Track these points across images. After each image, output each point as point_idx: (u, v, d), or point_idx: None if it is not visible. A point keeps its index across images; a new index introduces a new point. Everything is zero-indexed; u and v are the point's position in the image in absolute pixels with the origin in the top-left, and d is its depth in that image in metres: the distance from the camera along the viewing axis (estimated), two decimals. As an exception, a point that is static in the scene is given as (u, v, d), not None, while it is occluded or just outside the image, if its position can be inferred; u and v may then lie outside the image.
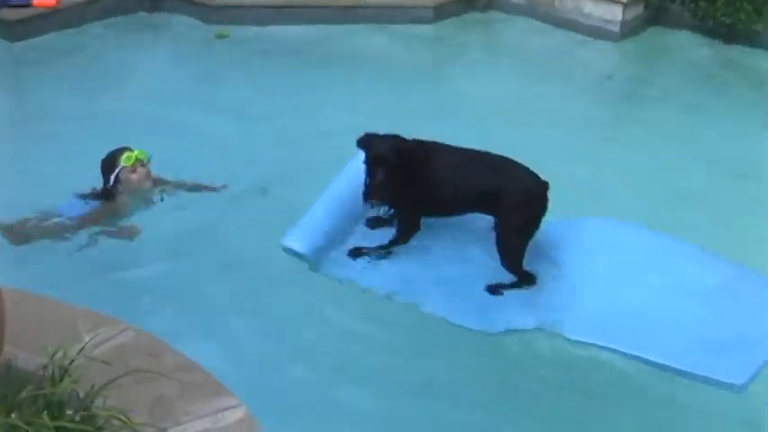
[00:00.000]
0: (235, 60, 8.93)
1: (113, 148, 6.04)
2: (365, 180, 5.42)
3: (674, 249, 5.55)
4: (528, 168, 5.42)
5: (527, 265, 5.44)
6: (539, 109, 7.97)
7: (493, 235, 5.39)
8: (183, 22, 9.63)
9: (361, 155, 5.46)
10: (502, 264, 5.38)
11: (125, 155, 5.94)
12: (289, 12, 9.62)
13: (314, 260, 5.60)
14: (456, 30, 9.83)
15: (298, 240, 5.61)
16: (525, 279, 5.42)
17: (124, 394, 3.32)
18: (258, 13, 9.59)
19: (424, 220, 5.65)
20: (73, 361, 2.84)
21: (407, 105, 7.91)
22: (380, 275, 5.53)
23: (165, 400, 3.45)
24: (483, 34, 9.88)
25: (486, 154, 5.50)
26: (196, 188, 6.23)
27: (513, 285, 5.41)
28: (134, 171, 5.97)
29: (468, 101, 8.10)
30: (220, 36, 9.33)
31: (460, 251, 5.64)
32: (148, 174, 6.05)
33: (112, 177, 5.95)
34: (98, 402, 3.17)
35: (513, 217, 5.33)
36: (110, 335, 3.81)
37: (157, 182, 6.19)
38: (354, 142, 5.49)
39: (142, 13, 9.79)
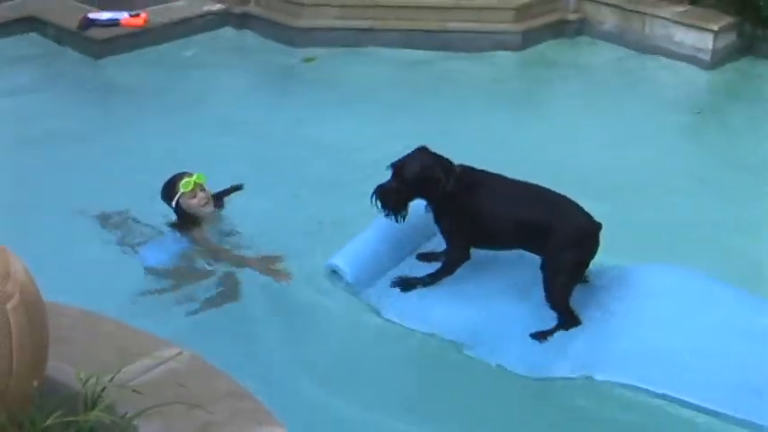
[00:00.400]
0: (316, 84, 8.92)
1: (182, 170, 5.99)
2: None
3: (725, 293, 5.33)
4: (581, 207, 5.26)
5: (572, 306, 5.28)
6: (621, 140, 7.79)
7: (539, 274, 5.22)
8: (267, 44, 9.71)
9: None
10: (547, 303, 5.21)
11: (183, 180, 5.87)
12: (372, 35, 9.61)
13: (356, 285, 5.53)
14: (544, 56, 9.73)
15: (343, 262, 5.55)
16: (570, 320, 5.22)
17: (170, 421, 3.30)
18: (341, 35, 9.60)
19: (473, 254, 5.51)
20: (104, 388, 2.80)
21: (491, 132, 7.81)
22: (420, 309, 5.42)
23: (212, 426, 3.39)
24: (571, 61, 9.69)
25: (540, 188, 5.36)
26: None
27: (556, 328, 5.22)
28: (194, 196, 5.90)
29: (552, 130, 7.99)
30: (308, 60, 9.35)
31: (505, 289, 5.47)
32: (209, 197, 5.99)
33: (173, 204, 5.92)
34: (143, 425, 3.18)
35: (561, 255, 5.16)
36: (164, 358, 3.77)
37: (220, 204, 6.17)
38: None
39: (229, 31, 9.90)
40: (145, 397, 3.20)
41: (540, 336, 5.20)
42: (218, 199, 6.12)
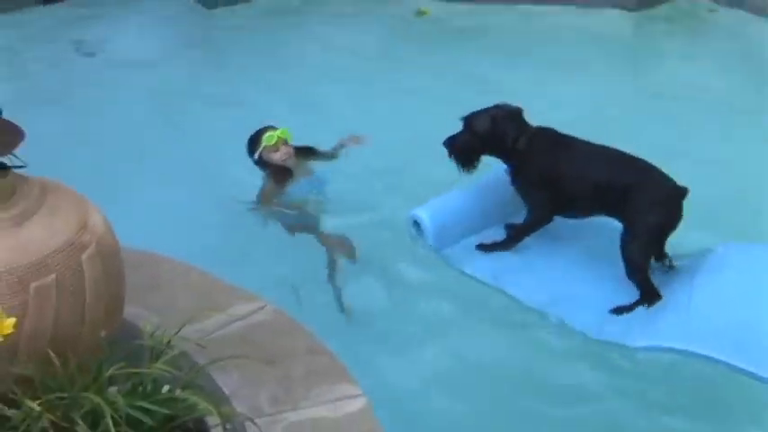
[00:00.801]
0: (428, 39, 8.87)
1: (268, 124, 6.03)
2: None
3: None
4: (663, 172, 5.13)
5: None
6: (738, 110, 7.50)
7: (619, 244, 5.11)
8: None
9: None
10: (627, 273, 5.09)
11: (267, 134, 5.92)
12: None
13: (435, 240, 5.50)
14: (660, 19, 9.45)
15: (426, 215, 5.52)
16: (650, 293, 5.08)
17: (250, 373, 3.36)
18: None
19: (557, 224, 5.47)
20: (170, 341, 2.86)
21: (598, 95, 7.63)
22: (500, 270, 5.38)
23: (288, 381, 3.43)
24: (687, 25, 9.39)
25: (621, 152, 5.25)
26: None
27: (636, 303, 5.08)
28: (276, 150, 5.94)
29: (661, 98, 7.72)
30: (421, 14, 9.30)
31: (586, 257, 5.42)
32: (291, 152, 6.00)
33: (255, 156, 5.96)
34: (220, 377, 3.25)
35: (643, 218, 5.05)
36: (248, 311, 3.84)
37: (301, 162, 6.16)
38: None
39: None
40: (221, 349, 3.26)
41: (620, 310, 5.08)
42: (301, 153, 6.13)
